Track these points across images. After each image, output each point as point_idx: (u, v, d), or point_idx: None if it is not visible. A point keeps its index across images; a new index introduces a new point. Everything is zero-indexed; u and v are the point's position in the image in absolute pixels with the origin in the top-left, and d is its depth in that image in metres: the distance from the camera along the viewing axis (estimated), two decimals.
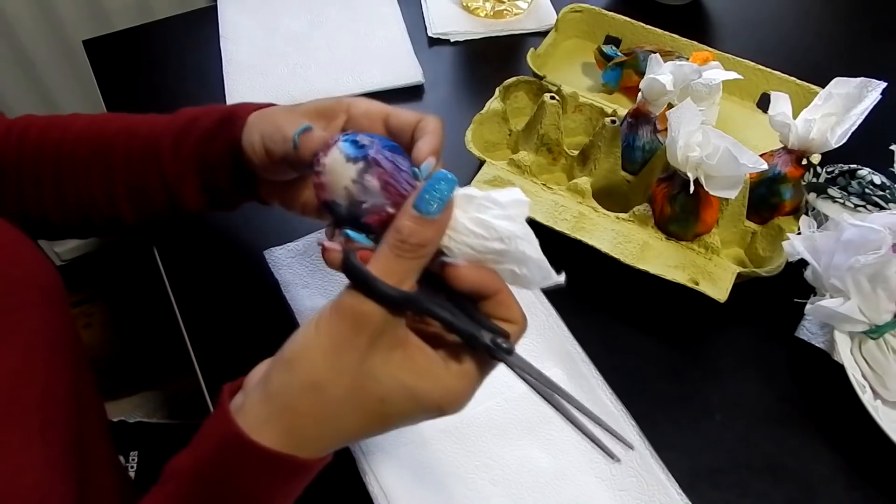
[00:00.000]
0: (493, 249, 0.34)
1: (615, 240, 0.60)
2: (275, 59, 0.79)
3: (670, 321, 0.60)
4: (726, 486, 0.51)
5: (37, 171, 0.50)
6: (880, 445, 0.50)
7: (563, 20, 0.80)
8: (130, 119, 0.52)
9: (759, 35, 0.87)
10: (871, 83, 0.57)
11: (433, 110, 0.76)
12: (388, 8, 0.86)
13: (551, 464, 0.51)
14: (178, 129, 0.50)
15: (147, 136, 0.50)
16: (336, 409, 0.33)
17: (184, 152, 0.49)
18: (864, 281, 0.52)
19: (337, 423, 0.33)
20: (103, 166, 0.50)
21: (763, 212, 0.62)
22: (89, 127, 0.51)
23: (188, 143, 0.49)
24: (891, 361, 0.53)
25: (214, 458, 0.34)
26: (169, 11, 0.87)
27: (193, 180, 0.50)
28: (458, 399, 0.34)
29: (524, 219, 0.35)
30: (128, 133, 0.51)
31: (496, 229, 0.34)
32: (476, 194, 0.34)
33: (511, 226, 0.34)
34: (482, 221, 0.34)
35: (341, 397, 0.33)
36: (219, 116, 0.49)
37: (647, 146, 0.64)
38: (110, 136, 0.51)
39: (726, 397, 0.56)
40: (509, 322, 0.35)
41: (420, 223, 0.32)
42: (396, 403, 0.33)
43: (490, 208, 0.34)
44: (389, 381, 0.33)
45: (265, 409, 0.33)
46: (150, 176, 0.50)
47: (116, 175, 0.50)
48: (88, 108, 1.21)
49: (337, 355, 0.32)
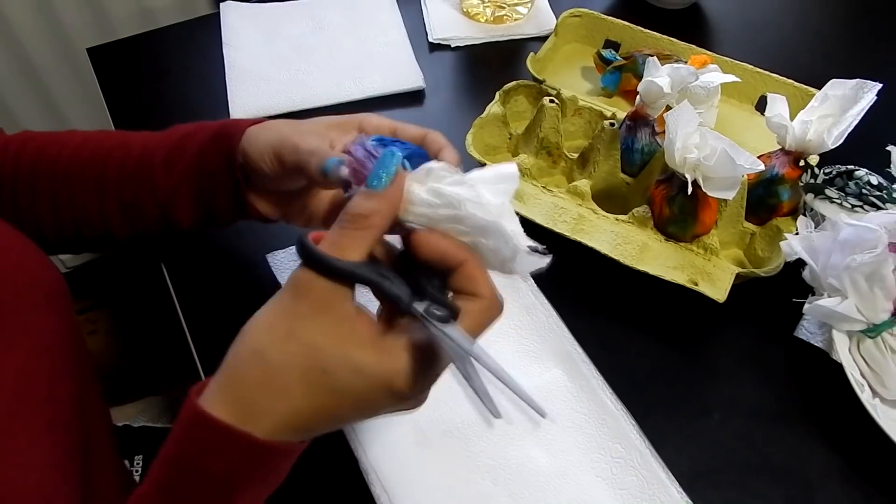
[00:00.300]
0: (444, 216, 0.34)
1: (615, 241, 0.60)
2: (277, 65, 0.80)
3: (670, 322, 0.60)
4: (726, 484, 0.52)
5: (32, 186, 0.50)
6: (879, 444, 0.50)
7: (563, 25, 0.81)
8: (125, 136, 0.53)
9: (758, 39, 0.88)
10: (867, 85, 0.57)
11: (434, 115, 0.77)
12: (389, 14, 0.87)
13: (552, 463, 0.51)
14: (170, 146, 0.50)
15: (140, 152, 0.50)
16: (278, 375, 0.33)
17: (177, 168, 0.49)
18: (862, 280, 0.52)
19: (282, 393, 0.33)
20: (97, 182, 0.50)
21: (761, 213, 0.63)
22: (85, 143, 0.52)
23: (182, 159, 0.49)
24: (889, 360, 0.54)
25: (180, 437, 0.34)
26: (172, 19, 0.88)
27: (186, 197, 0.50)
28: (403, 374, 0.33)
29: (509, 192, 0.34)
30: (122, 149, 0.51)
31: (445, 194, 0.34)
32: (434, 166, 0.35)
33: (461, 190, 0.33)
34: (433, 189, 0.34)
35: (282, 363, 0.33)
36: (213, 132, 0.49)
37: (646, 148, 0.65)
38: (105, 153, 0.51)
39: (725, 397, 0.56)
40: (475, 296, 0.34)
41: (366, 196, 0.33)
42: (340, 376, 0.33)
43: (445, 177, 0.34)
44: (332, 351, 0.33)
45: (217, 382, 0.34)
46: (142, 192, 0.50)
47: (109, 190, 0.50)
48: (92, 115, 1.23)
49: (278, 321, 0.33)
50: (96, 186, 0.50)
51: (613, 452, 0.52)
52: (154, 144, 0.51)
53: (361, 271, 0.33)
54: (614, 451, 0.52)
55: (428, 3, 0.89)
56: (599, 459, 0.51)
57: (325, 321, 0.33)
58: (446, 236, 0.34)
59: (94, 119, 1.24)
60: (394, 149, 0.35)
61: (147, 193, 0.50)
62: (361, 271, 0.33)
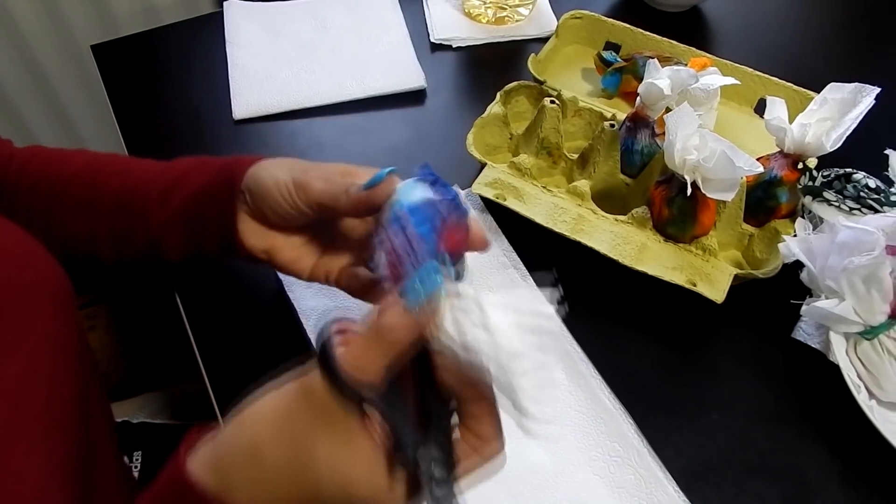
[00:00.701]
0: (461, 354, 0.31)
1: (614, 241, 0.61)
2: (280, 64, 0.80)
3: (668, 322, 0.61)
4: (723, 484, 0.52)
5: (30, 203, 0.50)
6: (875, 445, 0.51)
7: (564, 26, 0.81)
8: (128, 163, 0.52)
9: (758, 42, 0.88)
10: (865, 88, 0.58)
11: (436, 115, 0.78)
12: (391, 14, 0.87)
13: (550, 461, 0.52)
14: (168, 180, 0.49)
15: (136, 183, 0.49)
16: (271, 475, 0.33)
17: (172, 205, 0.48)
18: (859, 282, 0.52)
19: (272, 490, 0.33)
20: (91, 208, 0.50)
21: (760, 215, 0.63)
22: (88, 165, 0.51)
23: (177, 195, 0.48)
24: (885, 362, 0.54)
25: (164, 493, 0.34)
26: (176, 17, 0.89)
27: (178, 234, 0.49)
28: None
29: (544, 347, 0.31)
30: (121, 177, 0.50)
31: (465, 336, 0.31)
32: (467, 293, 0.31)
33: (485, 336, 0.30)
34: (456, 323, 0.31)
35: (278, 465, 0.33)
36: (215, 169, 0.48)
37: (646, 150, 0.65)
38: (104, 179, 0.50)
39: (723, 397, 0.56)
40: (477, 436, 0.34)
41: (397, 313, 0.31)
42: (329, 490, 0.33)
43: (471, 312, 0.31)
44: (327, 466, 0.32)
45: (210, 456, 0.34)
46: (134, 224, 0.49)
47: (102, 217, 0.50)
48: (96, 112, 1.23)
49: (281, 421, 0.33)
50: (90, 212, 0.50)
51: (611, 451, 0.52)
52: (153, 176, 0.50)
53: (374, 401, 0.32)
54: (612, 450, 0.52)
55: (430, 4, 0.89)
56: (598, 458, 0.52)
57: (329, 432, 0.32)
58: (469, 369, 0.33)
59: (97, 116, 1.25)
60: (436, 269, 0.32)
61: (139, 226, 0.49)
62: (374, 401, 0.32)
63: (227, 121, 0.76)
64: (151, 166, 0.51)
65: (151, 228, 0.49)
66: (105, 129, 1.27)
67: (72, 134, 1.26)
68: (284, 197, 0.44)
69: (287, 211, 0.44)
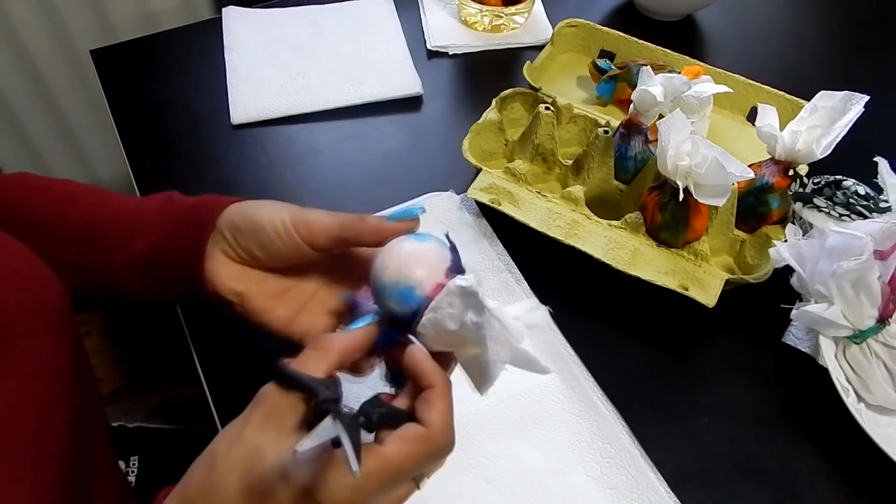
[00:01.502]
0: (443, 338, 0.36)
1: (607, 246, 0.61)
2: (278, 70, 0.81)
3: (660, 326, 0.61)
4: (714, 485, 0.52)
5: (9, 231, 0.48)
6: (863, 447, 0.51)
7: (559, 34, 0.82)
8: (105, 197, 0.51)
9: (751, 51, 0.90)
10: (855, 97, 0.59)
11: (432, 121, 0.78)
12: (388, 21, 0.88)
13: (543, 462, 0.52)
14: (137, 219, 0.48)
15: (106, 220, 0.49)
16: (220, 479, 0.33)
17: (137, 246, 0.47)
18: (848, 287, 0.53)
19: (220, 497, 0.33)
20: (60, 239, 0.48)
21: (751, 221, 0.64)
22: (68, 196, 0.50)
23: (143, 236, 0.47)
24: (874, 366, 0.55)
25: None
26: (174, 23, 0.90)
27: (140, 273, 0.48)
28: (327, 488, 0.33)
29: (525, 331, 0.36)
30: (92, 210, 0.49)
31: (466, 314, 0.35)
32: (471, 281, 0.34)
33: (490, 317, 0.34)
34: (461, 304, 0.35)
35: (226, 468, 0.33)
36: (185, 209, 0.48)
37: (639, 156, 0.66)
38: (77, 209, 0.49)
39: (714, 400, 0.57)
40: (421, 422, 0.35)
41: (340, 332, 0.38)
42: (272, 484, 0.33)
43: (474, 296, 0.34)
44: (271, 457, 0.33)
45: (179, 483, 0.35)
46: (99, 260, 0.48)
47: (69, 250, 0.48)
48: (94, 117, 1.24)
49: (233, 426, 0.35)
50: (58, 243, 0.48)
51: (604, 453, 0.53)
52: (123, 214, 0.49)
53: (303, 378, 0.34)
54: (604, 452, 0.53)
55: (427, 11, 0.90)
56: (590, 459, 0.52)
57: (272, 429, 0.34)
58: (431, 359, 0.36)
59: (96, 121, 1.25)
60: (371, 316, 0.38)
61: (102, 264, 0.48)
62: (303, 378, 0.34)
63: (225, 126, 0.76)
64: (127, 203, 0.50)
65: (113, 268, 0.48)
66: (104, 134, 1.28)
67: (71, 139, 1.26)
68: (280, 234, 0.43)
69: (279, 249, 0.44)
